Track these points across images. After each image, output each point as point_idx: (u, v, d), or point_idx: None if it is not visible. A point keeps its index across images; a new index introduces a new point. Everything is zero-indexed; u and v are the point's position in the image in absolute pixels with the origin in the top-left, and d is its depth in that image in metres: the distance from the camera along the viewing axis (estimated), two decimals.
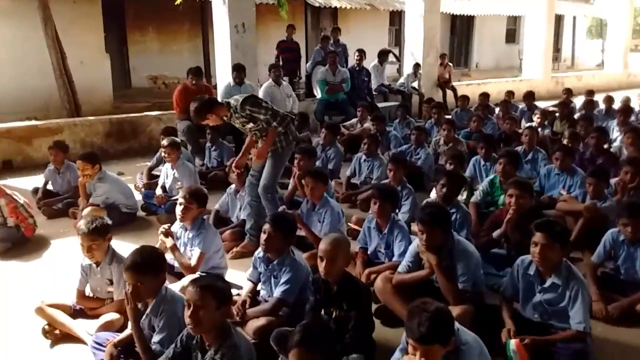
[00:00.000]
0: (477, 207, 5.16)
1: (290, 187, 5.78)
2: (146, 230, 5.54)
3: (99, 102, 11.89)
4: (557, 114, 9.16)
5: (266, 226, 3.47)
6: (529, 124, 8.51)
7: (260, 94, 8.71)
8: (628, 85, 18.83)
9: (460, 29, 22.48)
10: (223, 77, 9.84)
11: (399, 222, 4.14)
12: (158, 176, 6.59)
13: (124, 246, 4.65)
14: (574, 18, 24.61)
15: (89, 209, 5.38)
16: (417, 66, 12.40)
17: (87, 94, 11.05)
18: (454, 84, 13.62)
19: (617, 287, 3.83)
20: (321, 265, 3.04)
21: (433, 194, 5.56)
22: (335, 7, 16.48)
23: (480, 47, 23.01)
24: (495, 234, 4.06)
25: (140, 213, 5.95)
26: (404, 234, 4.06)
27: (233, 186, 5.34)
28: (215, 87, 9.42)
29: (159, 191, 5.93)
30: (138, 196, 6.32)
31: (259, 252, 3.62)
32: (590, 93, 11.18)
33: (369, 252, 4.25)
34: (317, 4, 15.36)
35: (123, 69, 14.64)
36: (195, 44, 15.37)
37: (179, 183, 5.84)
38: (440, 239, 3.38)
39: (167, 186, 5.97)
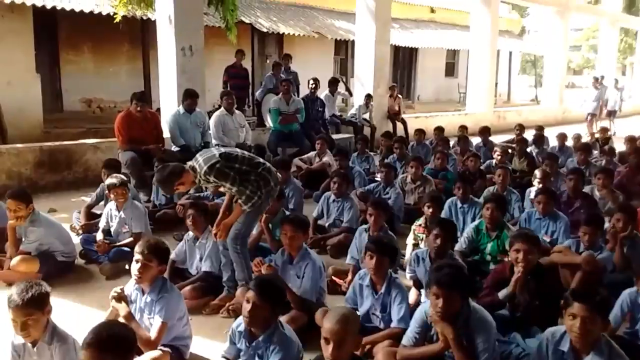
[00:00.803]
0: (462, 257, 4.73)
1: (255, 231, 5.16)
2: (87, 283, 4.77)
3: (27, 127, 10.81)
4: (513, 151, 9.02)
5: (250, 294, 2.86)
6: (499, 162, 8.27)
7: (211, 123, 8.09)
8: (564, 120, 19.42)
9: (403, 61, 22.65)
10: (167, 102, 9.18)
11: (397, 281, 3.62)
12: (98, 215, 5.82)
13: (61, 304, 3.92)
14: (510, 53, 25.39)
15: (18, 258, 4.58)
16: (368, 97, 12.11)
17: (14, 117, 10.07)
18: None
19: (636, 355, 3.45)
20: (327, 349, 2.47)
21: (410, 240, 5.13)
22: (282, 34, 16.08)
23: (422, 79, 23.24)
24: (502, 294, 3.61)
25: (79, 261, 5.14)
26: (404, 295, 3.54)
27: (190, 232, 4.66)
28: (158, 111, 8.68)
29: (99, 236, 5.17)
30: (75, 239, 5.53)
31: (239, 325, 3.01)
32: (540, 128, 11.23)
33: (359, 314, 3.71)
34: (264, 29, 14.89)
35: (54, 91, 13.53)
36: (134, 66, 14.47)
37: (127, 226, 5.12)
38: (458, 306, 2.90)
39: (112, 229, 5.22)
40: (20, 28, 11.26)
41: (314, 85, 10.15)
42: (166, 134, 7.74)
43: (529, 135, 10.77)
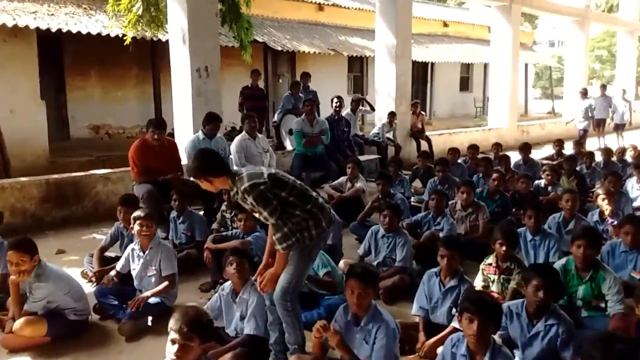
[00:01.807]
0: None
1: None
2: (104, 347, 3.99)
3: (32, 157, 10.17)
4: (561, 170, 8.26)
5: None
6: (549, 183, 7.54)
7: (232, 149, 7.39)
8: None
9: (418, 77, 22.03)
10: (181, 127, 8.57)
11: (503, 350, 2.85)
12: (113, 259, 5.09)
13: None
14: (526, 66, 24.73)
15: (22, 320, 3.84)
16: (392, 115, 11.40)
17: (18, 147, 9.42)
18: None
19: None
20: None
21: (478, 282, 4.37)
22: (294, 52, 15.49)
23: (437, 95, 22.60)
24: None
25: (93, 316, 4.38)
26: None
27: (228, 284, 3.91)
28: (171, 136, 8.00)
29: (112, 273, 4.53)
30: (87, 287, 4.80)
31: None
32: (579, 144, 10.46)
33: None
34: (278, 48, 14.27)
35: (60, 118, 12.87)
36: (144, 90, 13.87)
37: (152, 268, 4.39)
38: None
39: (135, 273, 4.49)
40: (23, 53, 10.69)
41: (338, 104, 9.45)
42: (184, 161, 7.02)
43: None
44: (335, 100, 9.57)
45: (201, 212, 6.55)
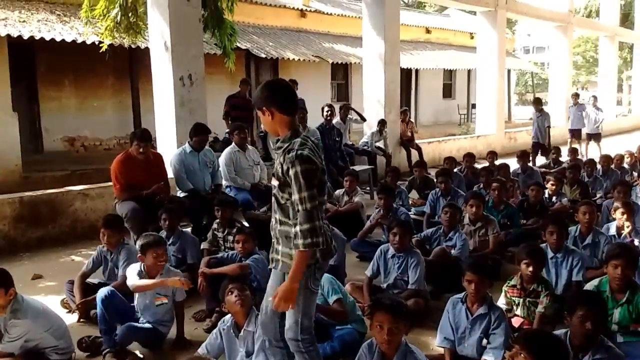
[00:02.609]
0: None
1: None
2: None
3: (4, 172, 9.58)
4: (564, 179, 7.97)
5: None
6: (553, 193, 7.24)
7: (221, 162, 6.93)
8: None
9: (402, 84, 21.81)
10: (164, 139, 8.13)
11: None
12: (96, 285, 4.61)
13: None
14: (508, 72, 24.72)
15: None
16: (382, 123, 11.06)
17: None
18: None
19: None
20: None
21: (501, 305, 3.98)
22: (276, 59, 15.11)
23: (421, 102, 22.41)
24: None
25: (79, 354, 3.89)
26: None
27: (229, 317, 3.46)
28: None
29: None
30: (69, 318, 4.33)
31: None
32: (575, 151, 10.25)
33: None
34: (262, 55, 13.86)
35: (33, 130, 12.18)
36: (121, 100, 13.32)
37: (164, 297, 3.96)
38: None
39: (139, 302, 4.02)
40: None
41: (329, 112, 9.07)
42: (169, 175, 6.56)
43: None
44: (326, 108, 9.19)
45: (189, 230, 6.12)
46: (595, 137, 14.77)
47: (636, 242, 5.21)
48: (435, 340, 3.65)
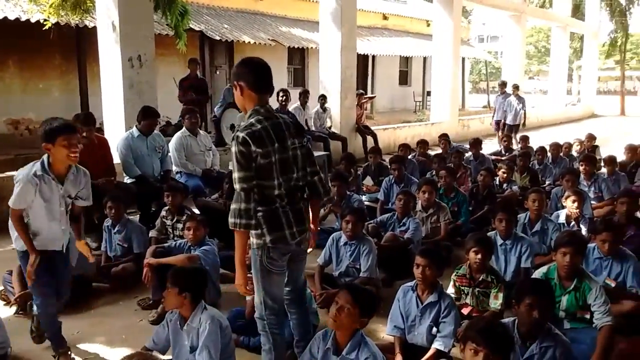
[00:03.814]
0: None
1: (249, 297, 3.85)
2: None
3: None
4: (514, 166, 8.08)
5: None
6: (504, 180, 7.35)
7: (171, 147, 6.73)
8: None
9: (359, 70, 21.80)
10: (112, 122, 7.88)
11: None
12: None
13: None
14: (463, 60, 25.00)
15: None
16: (323, 98, 10.87)
17: None
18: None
19: None
20: None
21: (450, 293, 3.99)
22: (232, 42, 14.80)
23: (378, 88, 22.45)
24: None
25: (20, 347, 3.69)
26: None
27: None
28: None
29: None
30: (6, 311, 4.12)
31: None
32: (526, 138, 10.42)
33: None
34: (217, 37, 13.55)
35: None
36: (68, 81, 12.79)
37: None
38: None
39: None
40: None
41: (284, 98, 8.92)
42: (116, 161, 6.31)
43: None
44: (280, 93, 9.03)
45: (137, 217, 5.92)
46: (515, 128, 13.64)
47: (583, 230, 5.32)
48: (385, 329, 3.62)
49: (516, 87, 14.31)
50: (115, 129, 7.60)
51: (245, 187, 2.73)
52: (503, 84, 14.66)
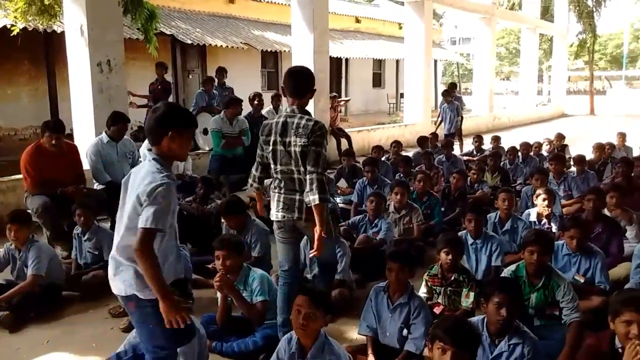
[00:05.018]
0: None
1: (220, 302, 3.83)
2: None
3: None
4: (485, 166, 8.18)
5: None
6: (474, 181, 7.43)
7: (142, 152, 6.64)
8: (494, 127, 19.28)
9: (332, 73, 21.89)
10: (81, 128, 7.75)
11: None
12: (2, 285, 4.33)
13: None
14: (435, 62, 25.27)
15: None
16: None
17: None
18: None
19: None
20: None
21: (422, 294, 4.02)
22: (204, 45, 14.73)
23: (351, 91, 22.56)
24: None
25: None
26: None
27: None
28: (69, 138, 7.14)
29: None
30: None
31: None
32: (497, 139, 10.56)
33: None
34: (188, 41, 13.46)
35: None
36: (37, 87, 12.60)
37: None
38: None
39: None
40: None
41: (258, 102, 8.89)
42: (85, 167, 6.22)
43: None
44: (254, 97, 9.00)
45: (108, 224, 5.84)
46: (451, 137, 11.83)
47: (554, 228, 5.41)
48: (358, 330, 3.63)
49: (446, 93, 12.76)
50: (85, 135, 7.48)
51: None
52: (447, 92, 12.85)
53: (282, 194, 3.51)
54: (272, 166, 3.52)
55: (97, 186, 6.10)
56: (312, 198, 3.29)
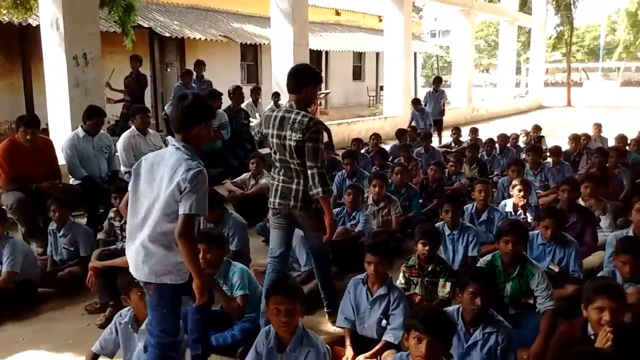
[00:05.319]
0: None
1: None
2: None
3: None
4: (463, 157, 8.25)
5: None
6: (452, 173, 7.48)
7: (119, 147, 6.59)
8: (473, 119, 19.43)
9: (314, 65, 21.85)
10: (57, 123, 7.66)
11: None
12: None
13: None
14: (415, 55, 25.34)
15: None
16: (276, 96, 10.78)
17: None
18: None
19: None
20: None
21: (399, 285, 4.05)
22: (182, 38, 14.60)
23: (332, 84, 22.55)
24: None
25: None
26: None
27: (126, 311, 3.27)
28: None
29: None
30: None
31: None
32: (475, 130, 10.65)
33: None
34: (166, 34, 13.33)
35: None
36: (12, 81, 12.39)
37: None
38: None
39: None
40: None
41: (237, 95, 8.85)
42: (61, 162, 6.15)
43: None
44: (234, 91, 8.95)
45: (84, 220, 5.78)
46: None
47: (529, 219, 5.49)
48: (336, 322, 3.66)
49: (436, 81, 13.60)
50: (61, 130, 7.39)
51: None
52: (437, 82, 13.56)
53: (280, 183, 3.76)
54: (273, 155, 3.79)
55: (73, 181, 6.03)
56: (315, 192, 3.56)
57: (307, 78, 3.70)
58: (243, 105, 9.65)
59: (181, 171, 2.54)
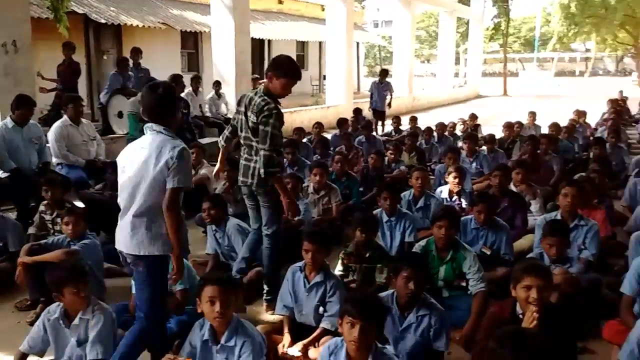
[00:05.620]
0: None
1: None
2: None
3: None
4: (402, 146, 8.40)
5: None
6: (391, 161, 7.61)
7: (51, 137, 6.36)
8: (413, 108, 19.81)
9: (254, 54, 21.59)
10: None
11: (386, 352, 2.58)
12: None
13: None
14: (357, 45, 25.51)
15: None
16: (217, 84, 10.82)
17: None
18: None
19: None
20: None
21: (337, 272, 4.11)
22: (119, 25, 14.16)
23: None
24: None
25: None
26: None
27: (55, 307, 3.16)
28: None
29: None
30: None
31: None
32: (414, 119, 10.85)
33: None
34: (102, 20, 12.88)
35: None
36: None
37: None
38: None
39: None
40: None
41: (177, 84, 8.65)
42: None
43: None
44: (173, 79, 8.75)
45: (14, 215, 5.55)
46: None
47: (464, 204, 5.66)
48: (275, 309, 3.67)
49: (382, 73, 14.27)
50: None
51: None
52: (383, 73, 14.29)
53: (243, 161, 4.05)
54: (239, 133, 4.06)
55: (1, 174, 5.78)
56: (261, 172, 3.81)
57: (279, 69, 3.89)
58: (183, 95, 9.48)
59: (167, 149, 2.78)
